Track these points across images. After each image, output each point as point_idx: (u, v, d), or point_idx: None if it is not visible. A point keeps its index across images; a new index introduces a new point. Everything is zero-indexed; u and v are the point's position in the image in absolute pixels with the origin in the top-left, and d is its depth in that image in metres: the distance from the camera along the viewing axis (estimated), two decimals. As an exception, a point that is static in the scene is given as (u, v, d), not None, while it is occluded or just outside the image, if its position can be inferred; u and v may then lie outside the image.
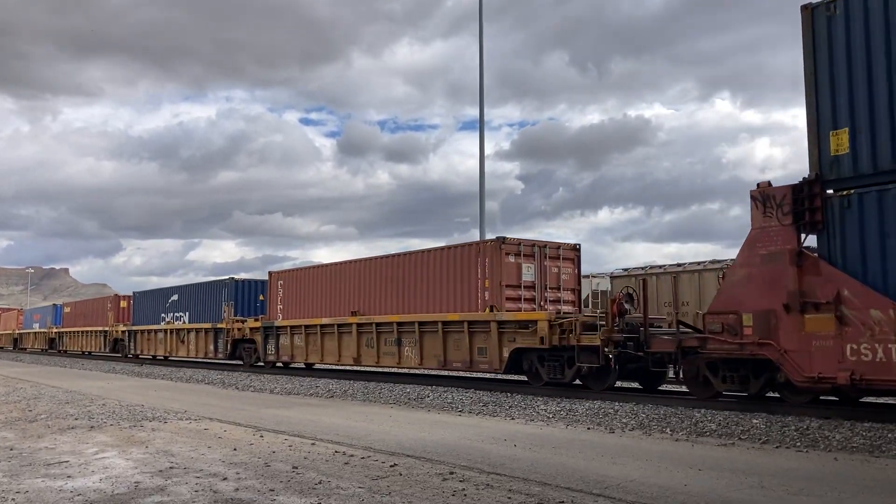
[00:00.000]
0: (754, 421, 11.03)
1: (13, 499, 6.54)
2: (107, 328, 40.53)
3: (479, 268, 18.08)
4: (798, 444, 9.53)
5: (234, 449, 9.26)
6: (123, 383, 22.55)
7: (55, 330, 50.22)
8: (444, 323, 18.19)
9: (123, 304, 40.28)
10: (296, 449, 9.30)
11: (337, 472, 7.71)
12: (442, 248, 19.38)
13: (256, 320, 26.96)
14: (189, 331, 31.85)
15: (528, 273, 18.14)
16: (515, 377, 18.19)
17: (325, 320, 22.63)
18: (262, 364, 26.66)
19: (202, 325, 30.64)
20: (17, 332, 60.69)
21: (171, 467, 7.99)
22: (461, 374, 20.23)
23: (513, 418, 12.61)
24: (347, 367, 24.46)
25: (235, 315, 28.66)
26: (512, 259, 17.82)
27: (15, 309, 72.69)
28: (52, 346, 50.84)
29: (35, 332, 55.36)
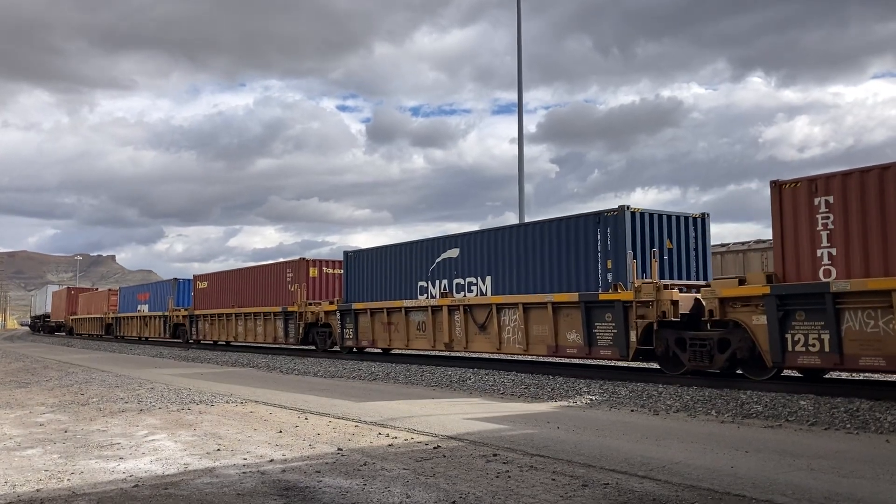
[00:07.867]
0: (802, 402, 10.84)
1: (69, 479, 6.74)
2: (292, 308, 26.66)
3: None
4: (848, 425, 9.35)
5: (280, 431, 9.41)
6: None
7: (185, 312, 36.38)
8: None
9: (313, 272, 27.03)
10: (339, 431, 9.42)
11: (381, 454, 7.79)
12: None
13: (741, 284, 12.42)
14: (503, 308, 17.42)
15: None
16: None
17: None
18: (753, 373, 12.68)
19: (548, 298, 16.07)
20: (112, 315, 48.31)
21: (218, 449, 8.16)
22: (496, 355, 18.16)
23: (555, 400, 12.58)
24: None
25: (637, 276, 14.34)
26: None
27: (103, 289, 59.40)
28: (176, 335, 37.64)
29: (144, 316, 42.40)
